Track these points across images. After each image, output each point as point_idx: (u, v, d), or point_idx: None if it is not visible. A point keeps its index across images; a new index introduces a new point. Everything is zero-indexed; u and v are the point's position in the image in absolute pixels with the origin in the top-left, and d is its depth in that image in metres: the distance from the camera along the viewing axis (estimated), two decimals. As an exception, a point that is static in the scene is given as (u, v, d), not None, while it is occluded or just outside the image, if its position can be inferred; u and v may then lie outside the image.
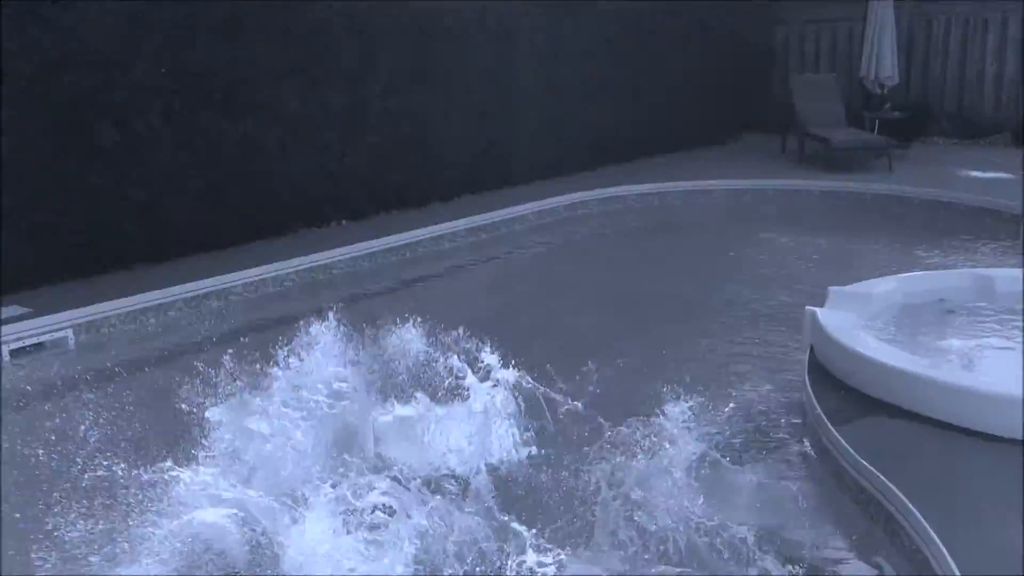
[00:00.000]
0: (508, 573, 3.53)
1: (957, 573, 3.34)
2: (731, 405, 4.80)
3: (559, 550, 3.59)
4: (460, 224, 9.04)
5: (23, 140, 6.77)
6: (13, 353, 6.03)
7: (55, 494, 3.88)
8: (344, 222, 9.05)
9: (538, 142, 10.86)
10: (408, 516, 3.59)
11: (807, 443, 4.78)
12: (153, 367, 5.91)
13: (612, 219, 10.12)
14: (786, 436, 4.93)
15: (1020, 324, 5.55)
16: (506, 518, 3.76)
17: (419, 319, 4.75)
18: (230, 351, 4.41)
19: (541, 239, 9.40)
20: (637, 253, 8.94)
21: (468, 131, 10.16)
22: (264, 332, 5.99)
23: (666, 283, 7.68)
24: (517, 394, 4.54)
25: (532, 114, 10.71)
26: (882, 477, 4.02)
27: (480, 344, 4.63)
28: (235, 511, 3.57)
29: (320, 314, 4.58)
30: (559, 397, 4.57)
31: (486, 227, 9.24)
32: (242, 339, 5.53)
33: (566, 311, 7.04)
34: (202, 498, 3.60)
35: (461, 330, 4.67)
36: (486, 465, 4.32)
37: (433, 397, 4.47)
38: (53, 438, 4.48)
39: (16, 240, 6.78)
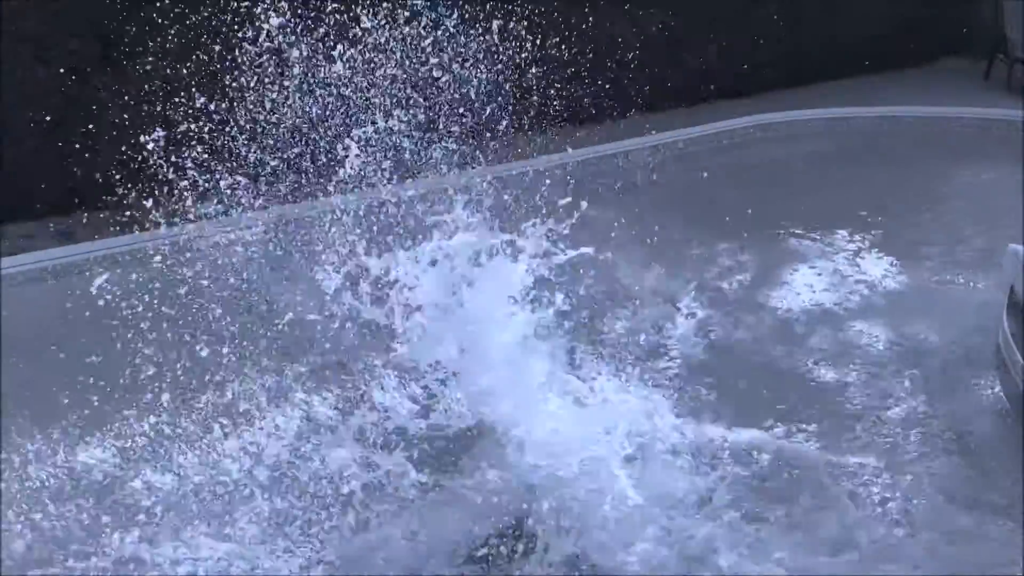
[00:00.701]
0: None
1: None
2: (921, 344, 4.66)
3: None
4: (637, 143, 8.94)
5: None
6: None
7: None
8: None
9: (723, 60, 10.50)
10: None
11: (1001, 389, 4.58)
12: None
13: (791, 144, 9.73)
14: (979, 381, 4.74)
15: None
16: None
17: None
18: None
19: (715, 162, 9.16)
20: (817, 181, 8.60)
21: (652, 47, 9.91)
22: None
23: (850, 213, 7.40)
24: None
25: (720, 28, 10.34)
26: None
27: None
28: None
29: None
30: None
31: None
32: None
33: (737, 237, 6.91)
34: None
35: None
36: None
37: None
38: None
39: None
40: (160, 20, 6.87)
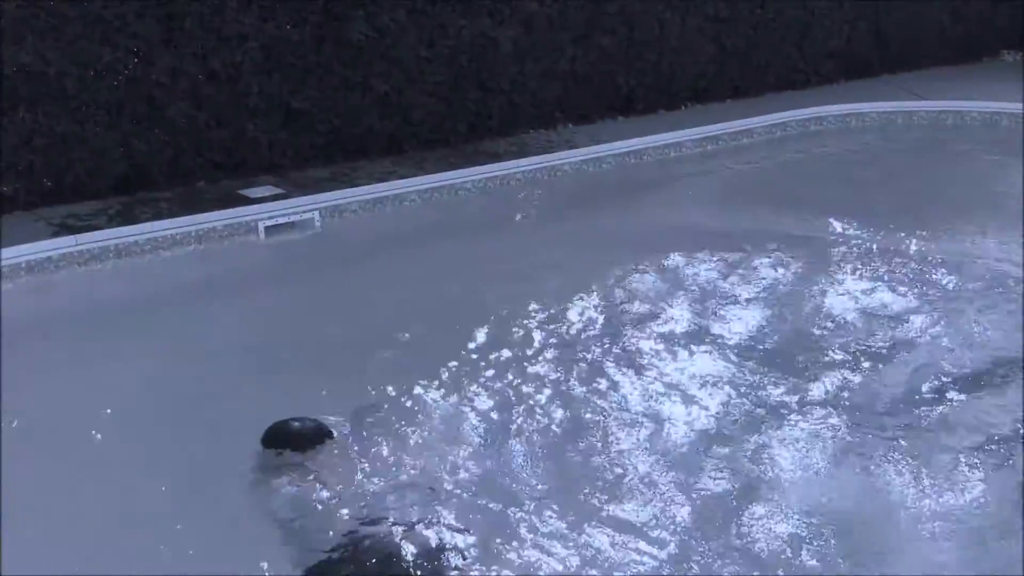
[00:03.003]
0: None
1: None
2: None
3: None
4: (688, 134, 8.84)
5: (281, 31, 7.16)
6: (268, 229, 6.50)
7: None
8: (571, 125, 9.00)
9: (774, 52, 10.32)
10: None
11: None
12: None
13: (847, 138, 9.56)
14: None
15: None
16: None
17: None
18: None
19: (765, 156, 9.04)
20: (876, 176, 8.42)
21: (700, 37, 9.77)
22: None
23: (907, 209, 7.25)
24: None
25: (770, 19, 10.16)
26: None
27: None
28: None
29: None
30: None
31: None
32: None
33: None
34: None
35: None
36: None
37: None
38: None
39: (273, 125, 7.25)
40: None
